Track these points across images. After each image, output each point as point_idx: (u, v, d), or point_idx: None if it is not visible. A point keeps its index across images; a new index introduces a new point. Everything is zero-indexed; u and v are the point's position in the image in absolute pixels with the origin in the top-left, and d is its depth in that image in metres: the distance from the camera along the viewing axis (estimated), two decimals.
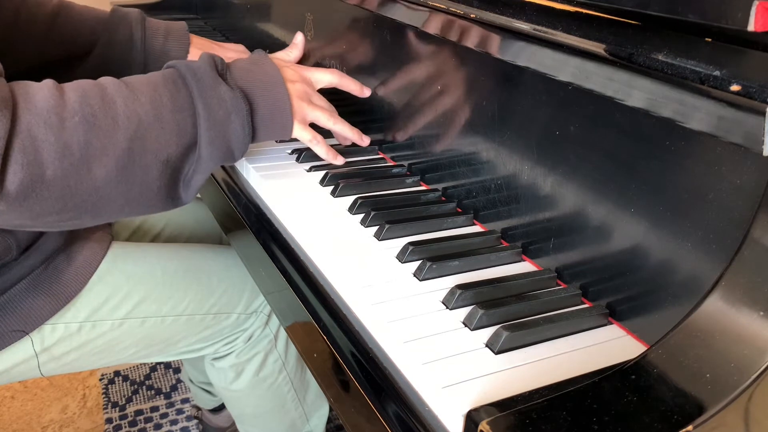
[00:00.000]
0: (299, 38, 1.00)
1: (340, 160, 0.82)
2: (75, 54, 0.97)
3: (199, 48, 1.03)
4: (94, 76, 0.99)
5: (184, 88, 0.67)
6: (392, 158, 0.85)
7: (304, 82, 0.80)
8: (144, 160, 0.64)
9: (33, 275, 0.78)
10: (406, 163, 0.83)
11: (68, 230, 0.79)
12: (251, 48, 1.20)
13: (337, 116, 0.82)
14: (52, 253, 0.79)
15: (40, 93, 0.59)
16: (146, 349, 0.89)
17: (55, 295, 0.79)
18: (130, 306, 0.84)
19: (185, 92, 0.67)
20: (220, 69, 0.71)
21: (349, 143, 0.86)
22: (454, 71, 0.70)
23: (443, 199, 0.75)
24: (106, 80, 0.66)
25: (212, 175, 0.89)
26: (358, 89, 0.86)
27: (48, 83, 0.61)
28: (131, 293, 0.85)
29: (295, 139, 0.79)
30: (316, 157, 0.82)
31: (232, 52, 1.08)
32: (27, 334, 0.78)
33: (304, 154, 0.84)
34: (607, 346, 0.52)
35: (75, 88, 0.62)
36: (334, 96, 0.98)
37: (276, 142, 0.88)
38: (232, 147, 0.70)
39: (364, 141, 0.85)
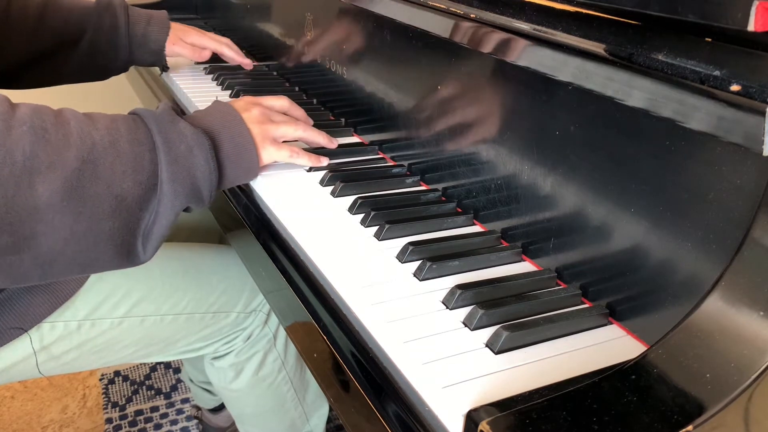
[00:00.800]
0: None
1: (324, 161, 0.82)
2: (65, 43, 1.03)
3: (179, 32, 1.09)
4: (85, 64, 1.04)
5: (143, 125, 0.65)
6: (392, 158, 0.85)
7: (256, 105, 0.78)
8: (94, 189, 0.59)
9: None
10: (406, 163, 0.83)
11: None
12: (251, 48, 1.21)
13: (301, 124, 0.81)
14: None
15: None
16: (146, 348, 0.89)
17: (53, 292, 0.79)
18: (130, 305, 0.84)
19: (144, 128, 0.64)
20: (177, 112, 0.69)
21: (319, 147, 0.85)
22: (453, 71, 0.70)
23: (443, 199, 0.75)
24: (64, 108, 0.63)
25: None
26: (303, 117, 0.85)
27: (1, 95, 0.58)
28: (130, 292, 0.85)
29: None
30: None
31: (209, 41, 1.13)
32: (25, 331, 0.78)
33: None
34: (607, 346, 0.53)
35: (28, 104, 0.59)
36: (334, 97, 0.98)
37: None
38: (198, 184, 0.66)
39: (333, 144, 0.85)
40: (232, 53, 1.15)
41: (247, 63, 1.16)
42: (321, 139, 0.84)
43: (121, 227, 0.61)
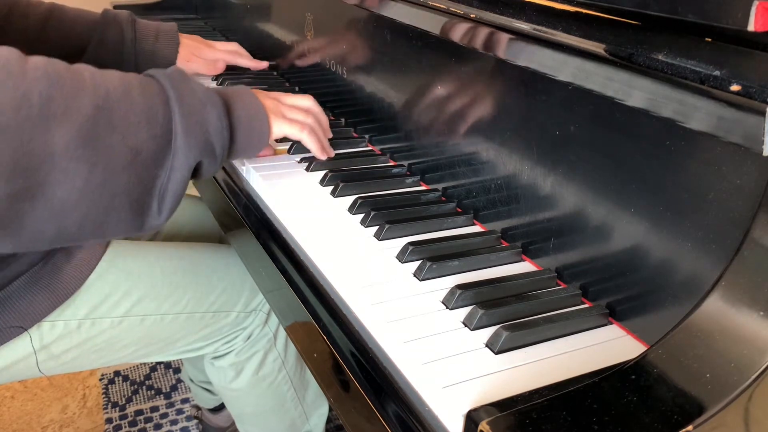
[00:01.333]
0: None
1: (325, 156, 0.82)
2: (67, 55, 0.99)
3: (188, 48, 1.07)
4: None
5: (155, 81, 0.65)
6: (392, 158, 0.85)
7: (267, 91, 0.80)
8: (109, 139, 0.58)
9: (32, 271, 0.78)
10: (406, 163, 0.83)
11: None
12: (251, 48, 1.21)
13: (307, 126, 0.80)
14: (51, 250, 0.79)
15: (3, 47, 0.56)
16: (146, 347, 0.89)
17: (54, 291, 0.79)
18: (130, 304, 0.85)
19: (157, 83, 0.64)
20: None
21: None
22: (454, 71, 0.70)
23: (443, 199, 0.75)
24: (75, 63, 0.62)
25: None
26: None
27: (11, 47, 0.57)
28: (131, 291, 0.85)
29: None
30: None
31: (222, 53, 1.11)
32: (26, 330, 0.78)
33: (305, 154, 0.84)
34: (607, 346, 0.53)
35: (40, 56, 0.58)
36: (334, 97, 0.98)
37: (276, 141, 0.88)
38: (211, 139, 0.65)
39: (330, 152, 0.85)
40: (244, 60, 1.15)
41: (263, 65, 1.16)
42: (324, 120, 0.85)
43: (136, 183, 0.61)
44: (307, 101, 0.84)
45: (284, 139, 0.84)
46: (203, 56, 1.10)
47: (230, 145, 0.69)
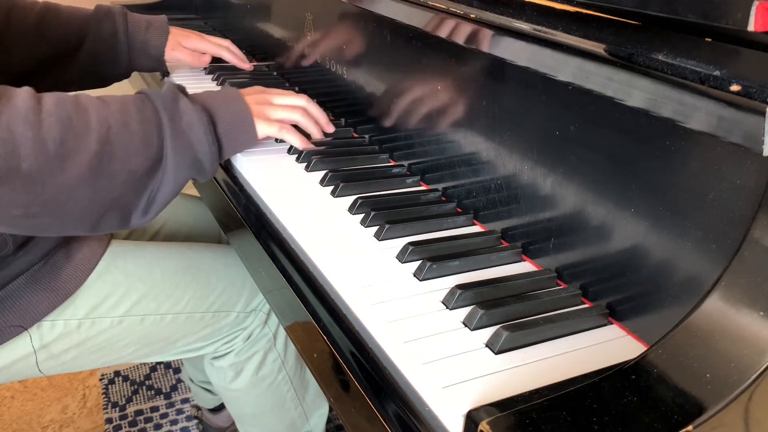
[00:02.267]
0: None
1: (310, 146, 0.85)
2: (66, 51, 1.03)
3: (178, 37, 1.10)
4: (86, 71, 1.05)
5: (150, 103, 0.71)
6: (392, 158, 0.85)
7: (261, 92, 0.84)
8: (112, 166, 0.66)
9: (32, 271, 0.78)
10: (406, 163, 0.83)
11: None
12: (251, 48, 1.21)
13: (299, 110, 0.85)
14: (51, 250, 0.79)
15: (20, 96, 0.63)
16: (146, 347, 0.89)
17: (54, 290, 0.79)
18: (130, 304, 0.85)
19: (151, 107, 0.71)
20: (182, 91, 0.76)
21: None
22: (454, 71, 0.70)
23: (443, 199, 0.75)
24: (80, 93, 0.70)
25: None
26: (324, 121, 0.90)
27: (27, 89, 0.65)
28: (130, 291, 0.85)
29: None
30: (317, 156, 0.82)
31: (210, 45, 1.13)
32: (26, 329, 0.78)
33: (304, 154, 0.84)
34: (607, 346, 0.53)
35: (51, 95, 0.66)
36: (334, 97, 0.98)
37: (276, 141, 0.88)
38: (199, 156, 0.72)
39: (329, 128, 0.90)
40: (231, 56, 1.16)
41: (247, 66, 1.17)
42: (320, 116, 0.88)
43: (130, 194, 0.69)
44: (299, 100, 0.86)
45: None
46: (189, 45, 1.11)
47: (219, 153, 0.76)
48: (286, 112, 0.83)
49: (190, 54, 1.11)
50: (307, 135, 0.87)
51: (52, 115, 0.64)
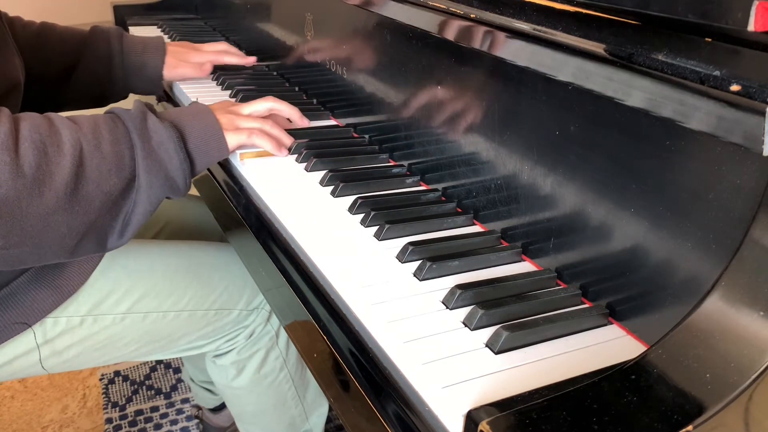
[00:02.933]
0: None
1: (283, 152, 0.86)
2: (61, 71, 1.04)
3: (174, 56, 1.10)
4: (81, 92, 1.06)
5: (121, 124, 0.72)
6: (392, 158, 0.85)
7: (231, 105, 0.86)
8: (86, 188, 0.67)
9: (35, 268, 0.78)
10: (406, 163, 0.83)
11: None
12: (251, 48, 1.21)
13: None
14: None
15: None
16: (148, 345, 0.89)
17: (57, 288, 0.80)
18: (132, 301, 0.85)
19: (122, 127, 0.71)
20: (150, 109, 0.76)
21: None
22: (454, 71, 0.70)
23: (443, 199, 0.75)
24: (52, 114, 0.70)
25: (212, 175, 0.89)
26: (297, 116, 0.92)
27: (4, 110, 0.65)
28: (133, 288, 0.85)
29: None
30: (316, 157, 0.82)
31: (208, 54, 1.13)
32: (29, 326, 0.79)
33: (304, 154, 0.85)
34: (607, 346, 0.53)
35: (25, 117, 0.66)
36: (334, 97, 0.98)
37: None
38: (171, 174, 0.73)
39: (304, 122, 0.92)
40: (231, 58, 1.16)
41: (250, 60, 1.17)
42: (291, 112, 0.90)
43: (106, 216, 0.70)
44: (265, 104, 0.88)
45: None
46: (190, 60, 1.12)
47: (191, 170, 0.76)
48: (254, 121, 0.84)
49: (192, 67, 1.12)
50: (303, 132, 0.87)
51: (27, 140, 0.63)
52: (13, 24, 1.00)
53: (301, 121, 0.92)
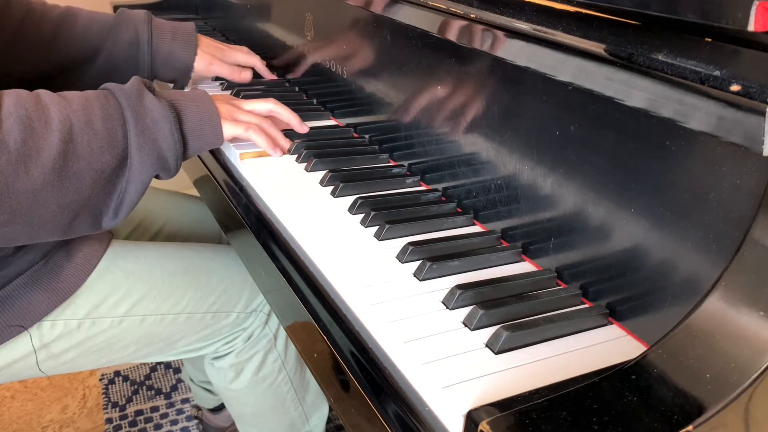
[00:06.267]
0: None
1: (278, 152, 0.85)
2: (83, 58, 1.00)
3: (205, 50, 1.04)
4: (103, 79, 1.02)
5: (114, 100, 0.70)
6: (392, 158, 0.85)
7: (232, 99, 0.85)
8: (77, 166, 0.65)
9: (32, 270, 0.78)
10: (406, 163, 0.83)
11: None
12: (251, 48, 1.21)
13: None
14: (51, 249, 0.79)
15: None
16: (146, 348, 0.89)
17: (54, 290, 0.79)
18: (130, 304, 0.85)
19: (115, 103, 0.70)
20: (149, 87, 0.74)
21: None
22: (454, 71, 0.70)
23: (443, 199, 0.75)
24: (41, 90, 0.68)
25: (212, 175, 0.89)
26: (296, 122, 0.90)
27: None
28: (131, 291, 0.85)
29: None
30: (316, 157, 0.82)
31: (239, 54, 1.09)
32: (26, 329, 0.78)
33: (305, 154, 0.85)
34: (607, 346, 0.53)
35: (10, 93, 0.64)
36: (334, 97, 0.98)
37: None
38: (163, 153, 0.72)
39: (303, 128, 0.91)
40: (261, 66, 1.12)
41: (270, 77, 1.13)
42: (291, 118, 0.89)
43: (100, 195, 0.69)
44: (266, 105, 0.87)
45: None
46: (227, 60, 1.06)
47: (184, 151, 0.75)
48: (253, 117, 0.83)
49: (229, 69, 1.06)
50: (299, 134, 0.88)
51: (11, 114, 0.62)
52: (32, 11, 0.96)
53: (300, 127, 0.90)
